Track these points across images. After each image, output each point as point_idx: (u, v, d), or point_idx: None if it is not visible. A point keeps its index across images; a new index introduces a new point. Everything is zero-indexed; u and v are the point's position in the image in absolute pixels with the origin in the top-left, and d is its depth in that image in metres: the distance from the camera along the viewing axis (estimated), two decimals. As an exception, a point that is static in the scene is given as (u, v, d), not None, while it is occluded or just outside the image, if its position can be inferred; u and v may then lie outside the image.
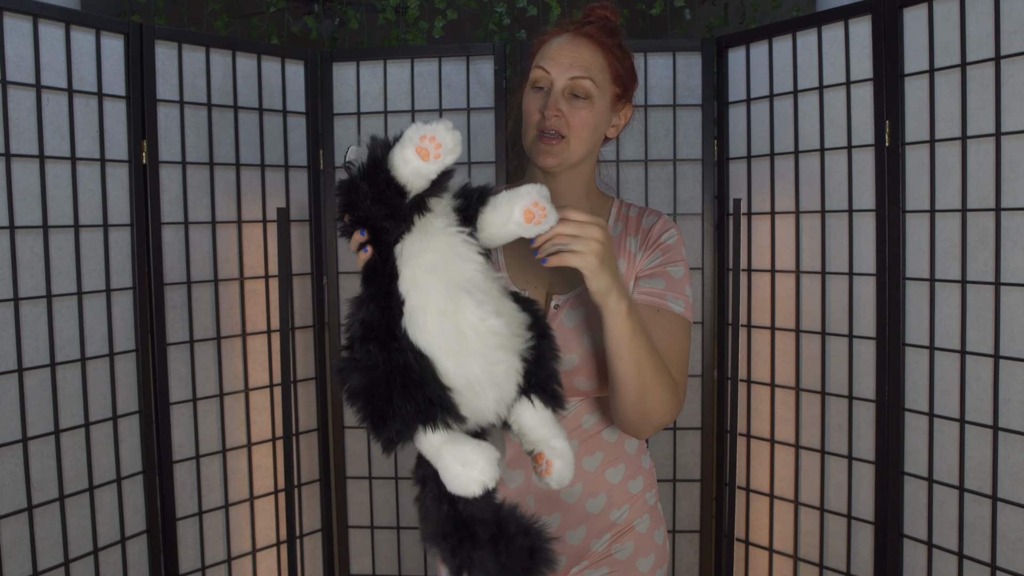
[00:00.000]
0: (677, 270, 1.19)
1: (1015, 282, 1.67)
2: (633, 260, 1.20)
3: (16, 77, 1.72)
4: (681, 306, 1.17)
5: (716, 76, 2.17)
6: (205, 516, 2.10)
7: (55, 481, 1.81)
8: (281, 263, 2.11)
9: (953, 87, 1.75)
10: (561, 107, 1.15)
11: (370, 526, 2.32)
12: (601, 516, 1.21)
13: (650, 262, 1.19)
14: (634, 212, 1.25)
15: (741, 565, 2.22)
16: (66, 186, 1.81)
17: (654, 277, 1.18)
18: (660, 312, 1.16)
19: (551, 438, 0.93)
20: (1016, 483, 1.69)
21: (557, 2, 2.96)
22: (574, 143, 1.16)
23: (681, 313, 1.17)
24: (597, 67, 1.16)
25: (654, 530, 1.25)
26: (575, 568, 1.22)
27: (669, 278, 1.18)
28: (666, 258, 1.19)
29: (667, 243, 1.20)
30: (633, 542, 1.23)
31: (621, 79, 1.20)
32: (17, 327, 1.73)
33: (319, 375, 2.28)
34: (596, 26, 1.19)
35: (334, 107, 2.23)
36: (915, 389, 1.86)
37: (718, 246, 2.20)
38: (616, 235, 1.22)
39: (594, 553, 1.22)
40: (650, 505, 1.26)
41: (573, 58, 1.15)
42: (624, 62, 1.20)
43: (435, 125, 0.84)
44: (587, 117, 1.16)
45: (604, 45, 1.18)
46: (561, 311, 1.17)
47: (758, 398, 2.16)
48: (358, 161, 0.87)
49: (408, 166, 0.84)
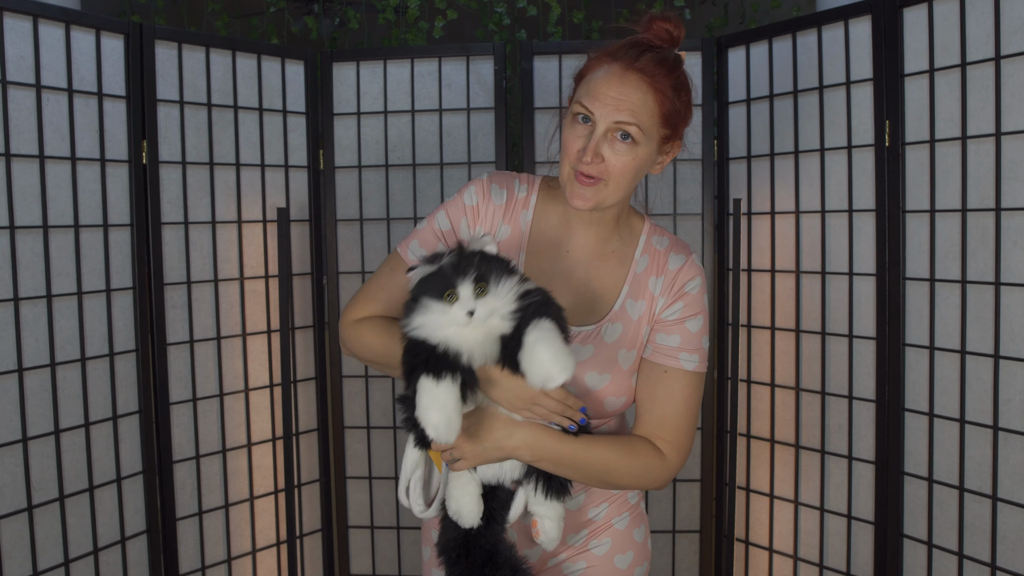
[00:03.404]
0: (696, 322, 1.17)
1: (1015, 282, 1.67)
2: (654, 302, 1.18)
3: (16, 77, 1.72)
4: (695, 362, 1.16)
5: (716, 76, 2.17)
6: (205, 516, 2.10)
7: (55, 481, 1.81)
8: (281, 263, 2.11)
9: (953, 87, 1.75)
10: (603, 151, 1.08)
11: (370, 526, 2.32)
12: (578, 514, 1.23)
13: (671, 313, 1.17)
14: (663, 245, 1.20)
15: (741, 565, 2.22)
16: (66, 186, 1.81)
17: (671, 333, 1.16)
18: (668, 373, 1.15)
19: (546, 511, 1.09)
20: (1016, 483, 1.69)
21: (557, 2, 2.96)
22: (612, 188, 1.10)
23: (692, 369, 1.16)
24: (647, 112, 1.07)
25: (634, 528, 1.26)
26: (553, 560, 1.23)
27: (686, 333, 1.16)
28: (687, 310, 1.17)
29: (691, 293, 1.17)
30: (611, 538, 1.23)
31: (671, 120, 1.10)
32: (17, 327, 1.73)
33: (319, 375, 2.28)
34: (653, 58, 1.08)
35: (334, 107, 2.23)
36: (915, 389, 1.86)
37: (718, 246, 2.20)
38: (641, 271, 1.19)
39: (571, 547, 1.23)
40: (631, 504, 1.27)
41: (620, 100, 1.06)
42: (678, 100, 1.10)
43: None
44: (628, 164, 1.09)
45: (657, 84, 1.07)
46: (571, 343, 1.13)
47: (758, 398, 2.16)
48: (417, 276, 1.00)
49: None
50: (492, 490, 1.10)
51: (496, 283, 0.97)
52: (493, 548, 1.07)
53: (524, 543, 1.23)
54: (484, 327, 0.99)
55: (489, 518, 1.08)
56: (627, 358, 1.16)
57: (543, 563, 1.24)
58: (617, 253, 1.20)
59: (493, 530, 1.08)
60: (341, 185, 2.25)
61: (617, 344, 1.16)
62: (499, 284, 0.97)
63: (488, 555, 1.06)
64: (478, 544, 1.07)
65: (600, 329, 1.16)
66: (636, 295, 1.18)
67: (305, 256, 2.26)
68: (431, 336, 0.98)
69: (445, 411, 0.96)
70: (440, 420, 0.96)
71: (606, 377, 1.15)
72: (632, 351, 1.17)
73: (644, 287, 1.18)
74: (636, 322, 1.17)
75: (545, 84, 2.18)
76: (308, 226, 2.26)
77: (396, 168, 2.24)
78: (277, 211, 2.11)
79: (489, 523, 1.08)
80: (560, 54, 2.17)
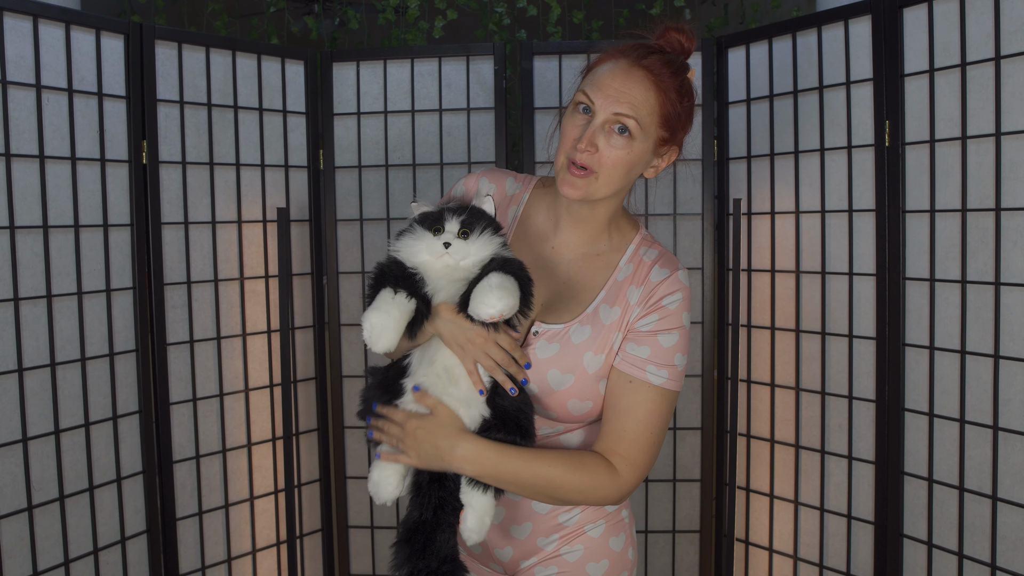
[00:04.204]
0: (669, 338, 1.13)
1: (1015, 282, 1.67)
2: (629, 311, 1.15)
3: (16, 77, 1.72)
4: (663, 377, 1.12)
5: (716, 76, 2.17)
6: (205, 516, 2.10)
7: (55, 481, 1.81)
8: (281, 263, 2.11)
9: (953, 87, 1.75)
10: (597, 141, 1.08)
11: (370, 526, 2.32)
12: (548, 516, 1.21)
13: (644, 324, 1.14)
14: (649, 257, 1.18)
15: (741, 565, 2.22)
16: (66, 186, 1.81)
17: (641, 344, 1.13)
18: (632, 384, 1.12)
19: (471, 500, 1.09)
20: (1016, 483, 1.69)
21: (557, 2, 2.96)
22: (602, 181, 1.10)
23: (660, 385, 1.12)
24: (647, 108, 1.08)
25: (610, 536, 1.23)
26: (525, 562, 1.23)
27: (657, 346, 1.13)
28: (661, 324, 1.13)
29: (667, 307, 1.14)
30: (583, 545, 1.21)
31: (670, 123, 1.10)
32: (17, 327, 1.73)
33: (319, 375, 2.28)
34: (660, 59, 1.09)
35: (334, 107, 2.23)
36: (915, 389, 1.86)
37: (718, 246, 2.20)
38: (622, 279, 1.17)
39: (544, 551, 1.22)
40: (607, 511, 1.24)
41: (622, 92, 1.07)
42: (680, 104, 1.10)
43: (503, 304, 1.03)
44: (622, 157, 1.09)
45: (661, 83, 1.08)
46: (538, 339, 1.15)
47: (758, 398, 2.16)
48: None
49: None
50: (440, 479, 1.11)
51: (478, 233, 1.07)
52: (431, 535, 1.09)
53: (496, 542, 1.23)
54: (455, 267, 1.08)
55: (438, 507, 1.10)
56: (593, 362, 1.14)
57: (515, 566, 1.23)
58: (603, 257, 1.19)
59: (439, 519, 1.10)
60: (341, 185, 2.25)
61: (584, 346, 1.14)
62: (480, 235, 1.08)
63: (425, 543, 1.09)
64: (421, 532, 1.10)
65: (568, 330, 1.15)
66: (612, 301, 1.16)
67: (305, 256, 2.26)
68: (408, 259, 1.09)
69: (387, 319, 1.04)
70: (377, 322, 1.04)
71: (569, 378, 1.13)
72: (600, 355, 1.14)
73: (622, 295, 1.16)
74: (607, 327, 1.14)
75: (545, 84, 2.18)
76: (308, 226, 2.26)
77: (396, 168, 2.24)
78: (277, 211, 2.11)
79: (436, 512, 1.10)
80: (560, 54, 2.17)
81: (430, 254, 1.07)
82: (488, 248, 1.08)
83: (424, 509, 1.10)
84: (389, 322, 1.05)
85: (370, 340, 1.05)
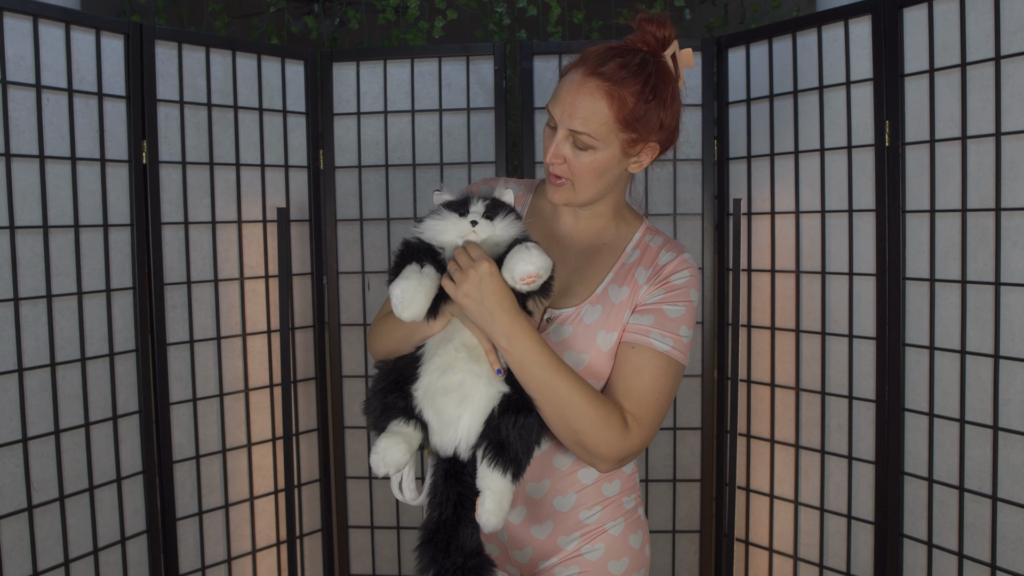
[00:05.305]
0: (675, 309, 1.15)
1: (1015, 282, 1.67)
2: (637, 290, 1.17)
3: (16, 77, 1.72)
4: (668, 344, 1.13)
5: (716, 76, 2.17)
6: (205, 516, 2.10)
7: (55, 481, 1.81)
8: (281, 263, 2.11)
9: (953, 87, 1.75)
10: (563, 152, 1.13)
11: (370, 526, 2.32)
12: (569, 515, 1.21)
13: (650, 297, 1.16)
14: (655, 243, 1.22)
15: (741, 565, 2.22)
16: (66, 186, 1.81)
17: (645, 313, 1.15)
18: (635, 348, 1.14)
19: (490, 482, 1.06)
20: (1016, 483, 1.69)
21: (557, 2, 2.96)
22: (579, 187, 1.15)
23: (665, 351, 1.13)
24: (599, 119, 1.09)
25: (630, 534, 1.23)
26: (544, 563, 1.22)
27: (661, 315, 1.15)
28: (667, 296, 1.16)
29: (674, 283, 1.17)
30: (604, 544, 1.21)
31: (632, 126, 1.10)
32: (17, 327, 1.73)
33: (319, 375, 2.28)
34: (619, 63, 1.09)
35: (334, 107, 2.23)
36: (915, 389, 1.86)
37: (718, 246, 2.20)
38: (630, 263, 1.20)
39: (564, 551, 1.22)
40: (627, 509, 1.24)
41: (574, 107, 1.09)
42: (645, 104, 1.10)
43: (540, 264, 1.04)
44: (588, 166, 1.13)
45: (616, 91, 1.08)
46: (551, 324, 1.17)
47: (758, 398, 2.16)
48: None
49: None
50: (457, 475, 1.09)
51: (503, 216, 1.10)
52: (453, 532, 1.08)
53: (515, 543, 1.22)
54: (480, 245, 1.09)
55: (457, 503, 1.08)
56: (606, 340, 1.16)
57: (533, 566, 1.23)
58: (609, 246, 1.23)
59: (460, 515, 1.08)
60: (341, 185, 2.25)
61: (596, 325, 1.16)
62: (504, 219, 1.10)
63: (448, 541, 1.08)
64: (443, 531, 1.08)
65: (580, 311, 1.17)
66: (621, 281, 1.18)
67: (305, 256, 2.26)
68: (435, 238, 1.10)
69: (417, 285, 1.05)
70: (408, 287, 1.04)
71: (584, 358, 1.15)
72: (612, 334, 1.16)
73: (631, 276, 1.19)
74: (617, 306, 1.17)
75: (545, 84, 2.18)
76: (308, 226, 2.26)
77: (396, 168, 2.24)
78: (277, 211, 2.11)
79: (456, 509, 1.08)
80: (560, 54, 2.17)
81: (457, 231, 1.09)
82: (511, 230, 1.10)
83: (444, 508, 1.08)
84: (420, 289, 1.05)
85: (400, 306, 1.04)
